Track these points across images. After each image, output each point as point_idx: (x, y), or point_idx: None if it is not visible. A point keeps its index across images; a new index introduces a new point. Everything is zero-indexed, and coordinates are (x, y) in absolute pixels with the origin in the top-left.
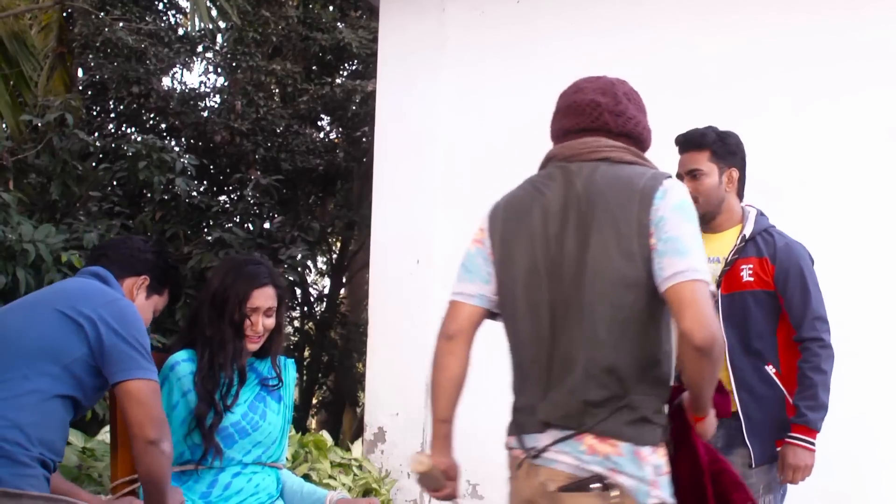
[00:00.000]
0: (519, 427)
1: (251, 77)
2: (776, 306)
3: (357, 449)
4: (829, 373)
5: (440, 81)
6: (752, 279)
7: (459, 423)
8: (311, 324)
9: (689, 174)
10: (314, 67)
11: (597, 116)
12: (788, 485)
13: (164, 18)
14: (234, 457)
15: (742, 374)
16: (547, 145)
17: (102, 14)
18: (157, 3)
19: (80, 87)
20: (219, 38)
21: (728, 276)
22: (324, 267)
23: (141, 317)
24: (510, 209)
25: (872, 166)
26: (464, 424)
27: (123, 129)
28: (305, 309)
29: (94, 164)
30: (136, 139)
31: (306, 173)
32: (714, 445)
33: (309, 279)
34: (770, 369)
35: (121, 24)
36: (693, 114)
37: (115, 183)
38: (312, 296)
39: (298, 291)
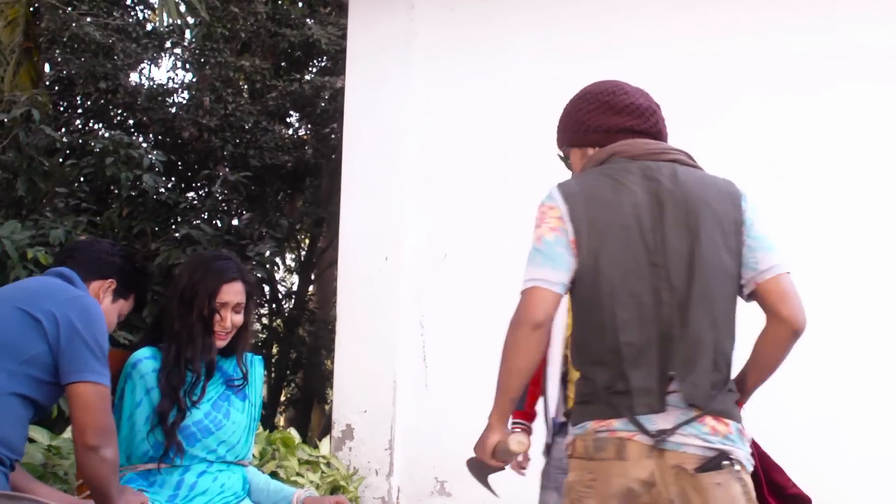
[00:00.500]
0: (627, 409)
1: (219, 73)
2: None
3: (325, 446)
4: None
5: (410, 78)
6: None
7: (429, 422)
8: (279, 321)
9: None
10: (283, 64)
11: (654, 122)
12: None
13: (132, 14)
14: (197, 455)
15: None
16: (516, 141)
17: (70, 9)
18: None
19: (47, 83)
20: (187, 34)
21: None
22: (292, 264)
23: (104, 317)
24: (594, 199)
25: (845, 163)
26: (433, 423)
27: (90, 124)
28: (274, 306)
29: (60, 160)
30: (103, 135)
31: (275, 170)
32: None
33: (277, 276)
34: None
35: (88, 20)
36: (665, 110)
37: (81, 179)
38: (281, 293)
39: (267, 288)
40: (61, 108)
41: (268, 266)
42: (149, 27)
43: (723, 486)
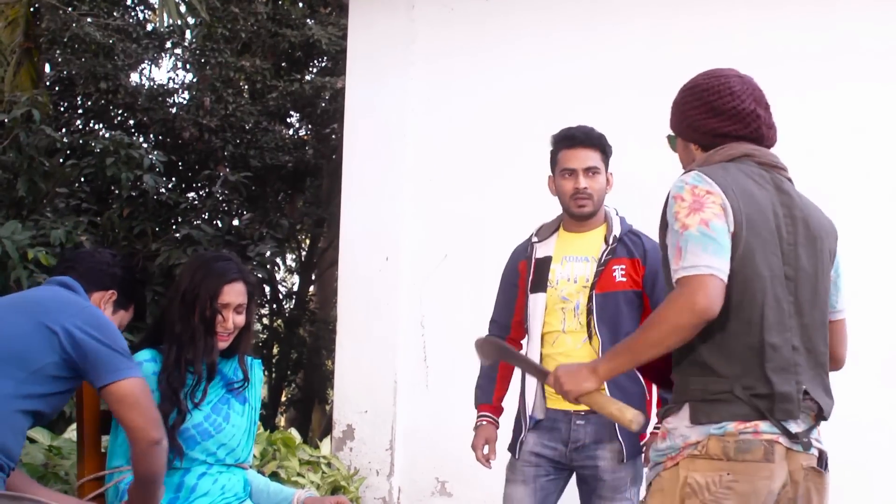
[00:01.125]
0: (769, 412)
1: (220, 73)
2: (640, 305)
3: (326, 447)
4: None
5: (409, 78)
6: (624, 279)
7: (429, 422)
8: (279, 321)
9: (587, 171)
10: (283, 64)
11: (756, 127)
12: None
13: (133, 14)
14: (196, 458)
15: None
16: (516, 141)
17: (70, 9)
18: None
19: (48, 83)
20: (187, 35)
21: (602, 276)
22: (293, 264)
23: (113, 322)
24: (747, 197)
25: (840, 163)
26: (434, 423)
27: (91, 125)
28: (274, 306)
29: (61, 160)
30: (103, 135)
31: (275, 170)
32: (583, 442)
33: (278, 276)
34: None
35: (88, 20)
36: (662, 110)
37: (82, 179)
38: (281, 293)
39: (267, 289)
40: (62, 109)
41: (268, 266)
42: (149, 27)
43: (829, 482)
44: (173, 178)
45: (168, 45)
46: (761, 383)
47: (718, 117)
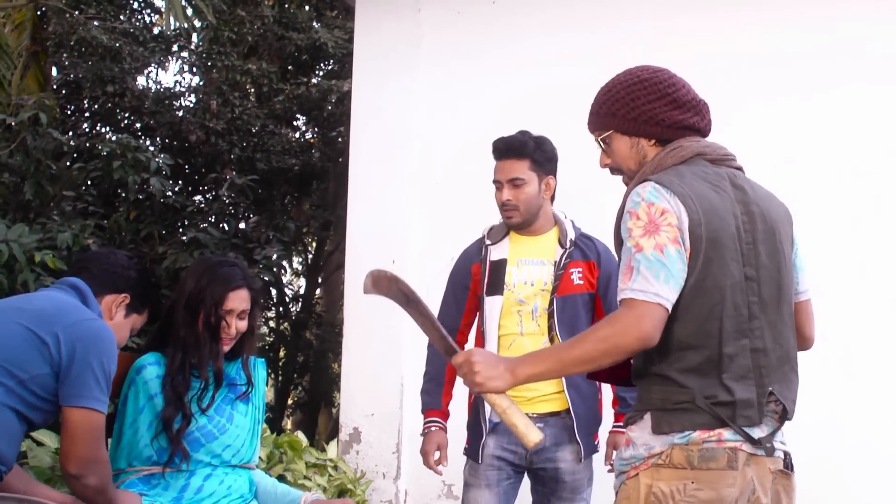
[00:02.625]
0: (731, 419)
1: (226, 76)
2: (593, 306)
3: (332, 449)
4: None
5: (416, 81)
6: (582, 282)
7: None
8: (286, 324)
9: (510, 182)
10: (290, 67)
11: (710, 120)
12: None
13: (139, 17)
14: (201, 459)
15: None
16: None
17: (77, 13)
18: (131, 1)
19: (55, 86)
20: (194, 38)
21: (562, 279)
22: (299, 267)
23: (114, 341)
24: (706, 206)
25: (844, 165)
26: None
27: (98, 128)
28: (281, 309)
29: (68, 163)
30: (110, 138)
31: (282, 173)
32: (543, 444)
33: (284, 279)
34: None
35: (95, 23)
36: None
37: (89, 182)
38: (288, 296)
39: (274, 292)
40: (69, 112)
41: (275, 269)
42: (156, 31)
43: (795, 482)
44: (180, 182)
45: (175, 48)
46: (722, 392)
47: (681, 109)
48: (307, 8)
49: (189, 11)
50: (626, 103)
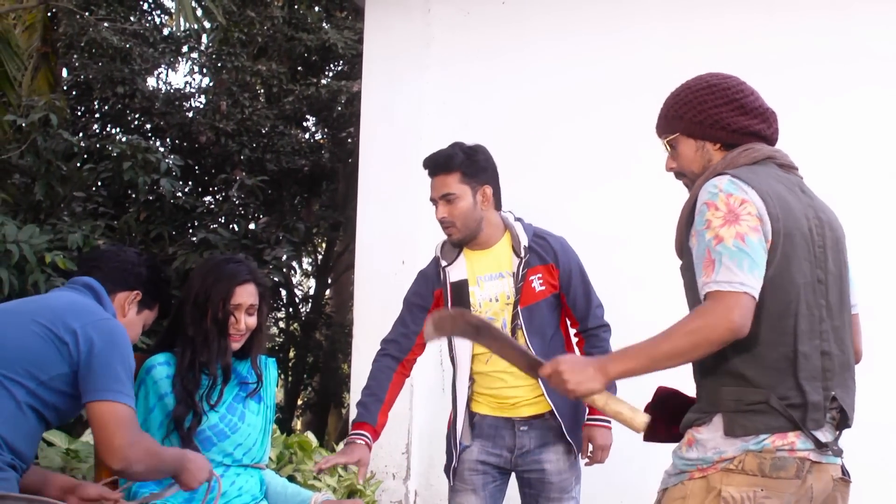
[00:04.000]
0: (801, 422)
1: (236, 77)
2: (559, 304)
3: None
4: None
5: (425, 82)
6: (543, 288)
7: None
8: (296, 325)
9: (443, 198)
10: (299, 68)
11: (777, 128)
12: None
13: (149, 18)
14: (213, 459)
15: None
16: (532, 144)
17: (87, 14)
18: (141, 2)
19: (65, 87)
20: (204, 39)
21: (523, 290)
22: (309, 268)
23: (129, 339)
24: (782, 203)
25: (856, 167)
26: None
27: (108, 129)
28: (290, 310)
29: (78, 164)
30: (120, 139)
31: (291, 174)
32: (528, 447)
33: (294, 280)
34: None
35: (105, 24)
36: None
37: (99, 183)
38: (297, 297)
39: (283, 292)
40: (79, 113)
41: (284, 270)
42: (166, 32)
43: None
44: (190, 182)
45: (185, 49)
46: (795, 392)
47: (748, 115)
48: (317, 9)
49: (199, 12)
50: (693, 107)
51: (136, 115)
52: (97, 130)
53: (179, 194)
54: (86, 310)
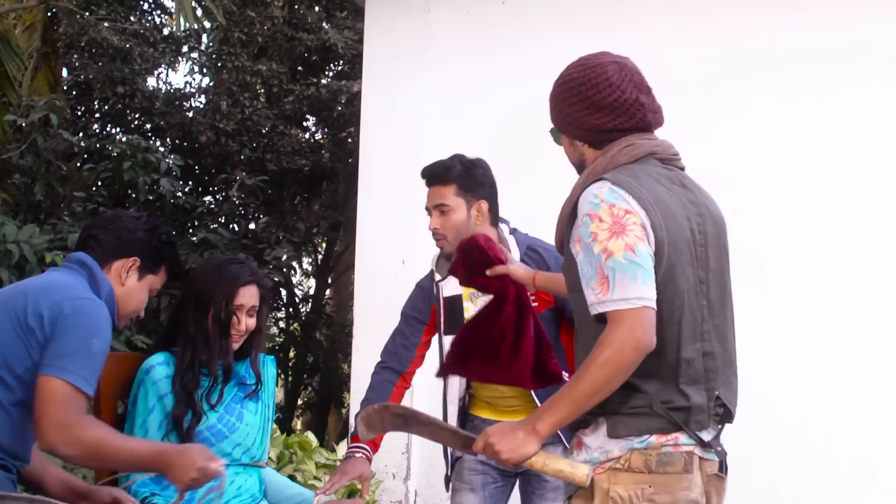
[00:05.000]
0: (685, 424)
1: (236, 77)
2: (557, 316)
3: (342, 450)
4: None
5: (426, 82)
6: (536, 304)
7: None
8: (296, 325)
9: (436, 209)
10: (300, 68)
11: (642, 116)
12: None
13: (149, 18)
14: None
15: (548, 394)
16: (532, 144)
17: (87, 14)
18: (142, 2)
19: (65, 87)
20: (204, 39)
21: None
22: (309, 268)
23: (106, 320)
24: (662, 206)
25: (858, 166)
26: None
27: (108, 129)
28: (290, 310)
29: (78, 164)
30: (120, 139)
31: (292, 174)
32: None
33: (294, 280)
34: (565, 376)
35: (105, 24)
36: (679, 113)
37: (99, 183)
38: (297, 297)
39: (284, 292)
40: (79, 113)
41: (284, 270)
42: (166, 32)
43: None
44: (190, 182)
45: (185, 49)
46: (678, 397)
47: (600, 112)
48: (317, 9)
49: (199, 12)
50: (555, 104)
51: (137, 115)
52: (97, 130)
53: (179, 194)
54: (58, 289)
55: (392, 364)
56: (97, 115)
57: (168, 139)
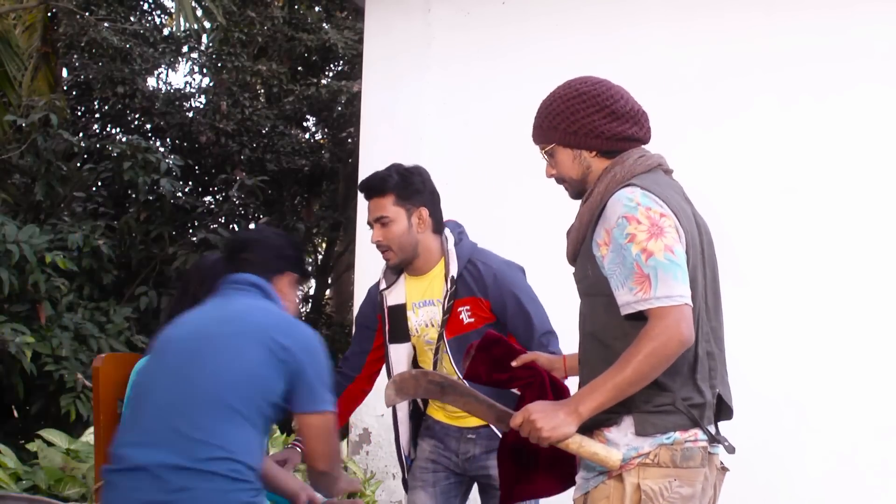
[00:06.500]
0: (701, 420)
1: (236, 77)
2: (503, 331)
3: (342, 450)
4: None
5: (426, 82)
6: (472, 320)
7: None
8: None
9: (377, 221)
10: (300, 68)
11: (649, 128)
12: None
13: (149, 18)
14: None
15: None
16: (532, 145)
17: (87, 14)
18: (142, 3)
19: (65, 88)
20: (204, 39)
21: (450, 321)
22: (309, 268)
23: (323, 344)
24: (684, 215)
25: (857, 165)
26: None
27: (108, 129)
28: None
29: (78, 164)
30: (120, 139)
31: (291, 174)
32: (473, 453)
33: None
34: (515, 390)
35: (105, 24)
36: (678, 113)
37: (99, 183)
38: (297, 296)
39: None
40: (79, 113)
41: None
42: (166, 32)
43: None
44: (190, 182)
45: (185, 49)
46: (695, 393)
47: (619, 120)
48: (317, 9)
49: (199, 12)
50: (566, 117)
51: (137, 116)
52: (97, 130)
53: (179, 194)
54: (285, 321)
55: (344, 369)
56: (97, 115)
57: (168, 139)
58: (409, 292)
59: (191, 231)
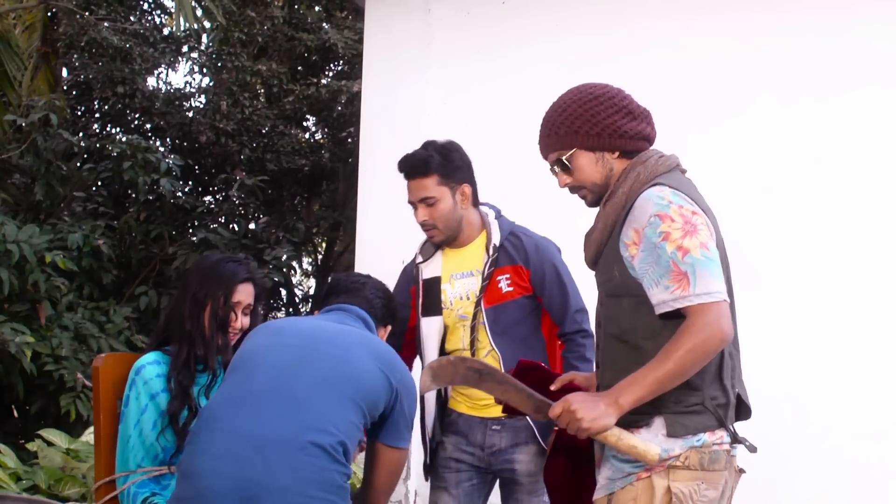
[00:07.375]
0: (725, 419)
1: (236, 77)
2: (536, 306)
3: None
4: (592, 360)
5: (426, 82)
6: (511, 289)
7: None
8: None
9: (422, 202)
10: (300, 68)
11: (654, 127)
12: None
13: (149, 18)
14: None
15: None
16: (532, 145)
17: (87, 14)
18: (142, 2)
19: (65, 87)
20: (204, 39)
21: (488, 289)
22: (309, 268)
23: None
24: (709, 213)
25: (858, 166)
26: None
27: (108, 129)
28: (290, 310)
29: (78, 164)
30: (120, 139)
31: (291, 174)
32: (499, 447)
33: (294, 280)
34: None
35: (105, 24)
36: (679, 113)
37: (99, 183)
38: (297, 296)
39: (284, 292)
40: (79, 113)
41: (284, 270)
42: (166, 32)
43: None
44: (190, 182)
45: (185, 49)
46: (720, 393)
47: (636, 120)
48: (317, 9)
49: (199, 12)
50: (586, 120)
51: (137, 115)
52: (97, 130)
53: (179, 194)
54: (394, 356)
55: None
56: (97, 115)
57: (168, 139)
58: (445, 265)
59: (191, 231)
